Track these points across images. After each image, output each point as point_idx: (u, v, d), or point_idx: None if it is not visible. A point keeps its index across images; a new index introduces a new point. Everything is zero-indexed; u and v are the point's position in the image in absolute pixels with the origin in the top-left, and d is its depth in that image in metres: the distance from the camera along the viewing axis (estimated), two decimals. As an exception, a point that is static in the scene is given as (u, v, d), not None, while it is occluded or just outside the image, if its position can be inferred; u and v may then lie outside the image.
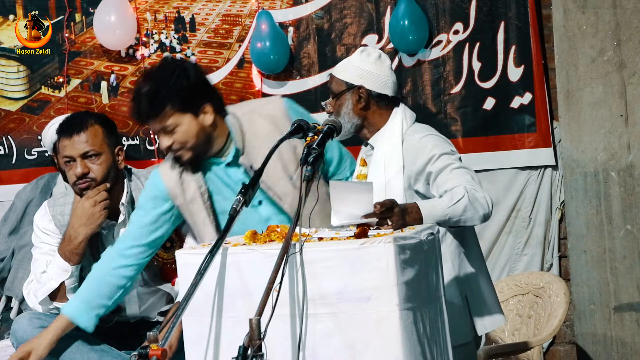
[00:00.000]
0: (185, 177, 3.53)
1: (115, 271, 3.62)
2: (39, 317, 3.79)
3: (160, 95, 3.38)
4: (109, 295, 3.65)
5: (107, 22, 5.28)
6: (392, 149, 3.49)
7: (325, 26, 5.25)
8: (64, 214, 3.88)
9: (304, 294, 2.77)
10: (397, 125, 3.53)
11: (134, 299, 3.89)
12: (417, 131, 3.52)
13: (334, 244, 2.84)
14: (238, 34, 5.32)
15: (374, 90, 3.52)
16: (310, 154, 2.97)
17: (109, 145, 3.82)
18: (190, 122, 3.43)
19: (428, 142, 3.44)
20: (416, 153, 3.44)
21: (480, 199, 3.25)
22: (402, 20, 5.04)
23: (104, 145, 3.80)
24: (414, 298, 2.80)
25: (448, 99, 5.15)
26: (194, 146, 3.45)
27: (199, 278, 2.76)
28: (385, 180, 3.46)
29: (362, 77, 3.52)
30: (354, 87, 3.52)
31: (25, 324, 3.75)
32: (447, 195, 3.25)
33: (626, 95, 4.91)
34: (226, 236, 2.90)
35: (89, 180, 3.77)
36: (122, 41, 5.34)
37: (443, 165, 3.37)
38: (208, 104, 3.47)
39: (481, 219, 3.27)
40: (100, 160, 3.79)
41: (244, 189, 2.99)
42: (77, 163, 3.77)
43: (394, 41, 5.09)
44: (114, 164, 3.83)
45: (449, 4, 5.12)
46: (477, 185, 3.31)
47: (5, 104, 5.52)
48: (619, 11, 4.91)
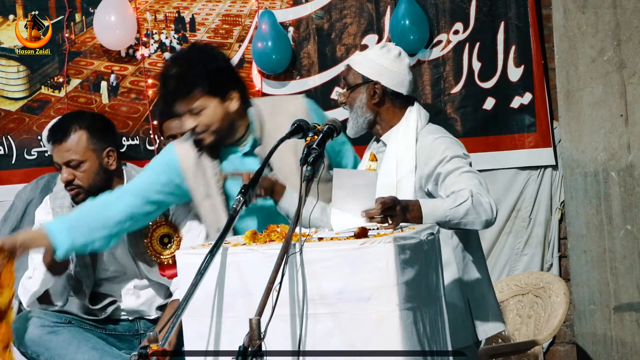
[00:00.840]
0: (204, 160, 3.57)
1: (106, 209, 3.59)
2: (40, 316, 3.80)
3: (190, 76, 3.45)
4: (91, 227, 3.58)
5: (107, 22, 5.27)
6: (405, 147, 3.47)
7: (325, 26, 5.25)
8: (63, 207, 3.87)
9: (304, 294, 2.77)
10: (412, 124, 3.51)
11: (130, 291, 3.89)
12: (431, 132, 3.50)
13: (334, 244, 2.84)
14: (238, 34, 5.32)
15: (389, 88, 3.50)
16: (310, 154, 2.97)
17: (95, 150, 3.80)
18: (217, 107, 3.50)
19: (441, 144, 3.43)
20: (429, 154, 3.42)
21: (485, 204, 3.23)
22: (403, 20, 5.04)
23: (87, 151, 3.79)
24: (414, 298, 2.80)
25: (448, 99, 5.15)
26: (217, 130, 3.51)
27: (199, 278, 2.76)
28: (397, 179, 3.45)
29: (380, 73, 3.49)
30: (370, 81, 3.49)
31: (25, 323, 3.77)
32: (452, 197, 3.24)
33: (626, 95, 4.91)
34: (226, 236, 2.90)
35: (75, 187, 3.78)
36: (122, 41, 5.34)
37: (453, 168, 3.35)
38: (235, 91, 3.53)
39: (483, 224, 3.25)
40: (84, 168, 3.78)
41: (244, 189, 2.99)
42: (63, 170, 3.79)
43: (395, 41, 5.09)
44: (100, 169, 3.81)
45: (449, 4, 5.12)
46: (484, 191, 3.29)
47: (5, 104, 5.52)
48: (619, 11, 4.91)
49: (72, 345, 3.72)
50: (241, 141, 3.58)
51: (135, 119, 5.39)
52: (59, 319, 3.79)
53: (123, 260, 3.87)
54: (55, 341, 3.73)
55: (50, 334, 3.74)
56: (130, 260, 3.86)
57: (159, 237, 3.85)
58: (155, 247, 3.84)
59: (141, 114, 5.38)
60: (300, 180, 2.89)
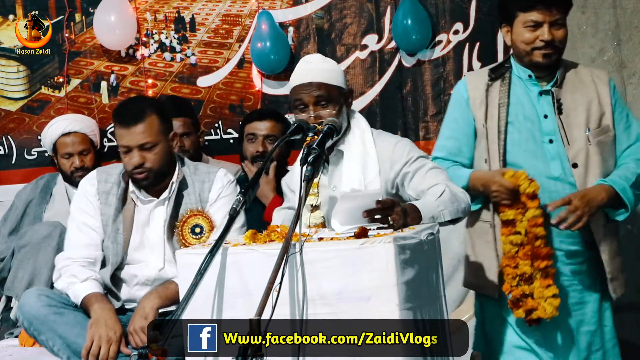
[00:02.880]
0: (492, 91, 3.80)
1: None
2: (48, 294, 3.81)
3: None
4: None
5: (107, 22, 5.27)
6: (366, 153, 3.50)
7: (325, 26, 5.25)
8: (108, 181, 3.92)
9: (304, 294, 2.77)
10: (365, 128, 3.55)
11: (149, 282, 3.90)
12: (383, 135, 3.58)
13: (334, 244, 2.84)
14: (238, 34, 5.32)
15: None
16: (310, 154, 2.97)
17: (164, 134, 3.85)
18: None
19: (404, 147, 3.51)
20: (392, 158, 3.48)
21: (459, 192, 3.37)
22: (405, 20, 5.03)
23: (160, 135, 3.83)
24: (414, 298, 2.80)
25: (448, 99, 5.14)
26: (561, 52, 3.80)
27: (199, 278, 2.76)
28: (364, 184, 3.45)
29: (343, 79, 3.54)
30: (344, 89, 3.53)
31: (33, 299, 3.77)
32: (430, 192, 3.33)
33: (626, 95, 4.90)
34: (226, 236, 2.90)
35: (146, 170, 3.81)
36: (122, 41, 5.34)
37: (419, 166, 3.45)
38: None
39: (464, 210, 3.36)
40: (156, 150, 3.82)
41: (244, 189, 2.99)
42: (133, 153, 3.80)
43: (397, 40, 5.09)
44: (169, 151, 3.86)
45: (449, 3, 5.12)
46: (452, 183, 3.41)
47: (5, 104, 5.52)
48: (619, 11, 4.91)
49: (75, 328, 3.73)
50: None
51: (135, 119, 5.39)
52: (66, 300, 3.81)
53: (154, 242, 3.89)
54: (59, 322, 3.74)
55: (56, 315, 3.76)
56: (161, 245, 3.88)
57: (191, 226, 3.88)
58: (185, 236, 3.87)
59: (141, 114, 5.38)
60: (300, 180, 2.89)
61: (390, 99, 5.14)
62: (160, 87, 5.37)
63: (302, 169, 2.92)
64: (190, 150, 4.97)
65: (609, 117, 3.81)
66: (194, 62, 5.34)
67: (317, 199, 3.46)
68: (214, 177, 3.94)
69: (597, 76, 3.86)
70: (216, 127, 5.30)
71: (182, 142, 4.97)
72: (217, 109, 5.32)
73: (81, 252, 3.90)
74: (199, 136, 5.05)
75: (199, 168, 3.98)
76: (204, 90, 5.34)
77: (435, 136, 5.11)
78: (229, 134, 5.29)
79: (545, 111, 3.78)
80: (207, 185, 3.92)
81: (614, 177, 3.76)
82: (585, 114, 3.78)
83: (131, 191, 3.90)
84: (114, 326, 3.68)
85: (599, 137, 3.78)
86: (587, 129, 3.76)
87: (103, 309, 3.72)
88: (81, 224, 3.93)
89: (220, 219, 3.88)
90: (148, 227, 3.91)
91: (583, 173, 3.75)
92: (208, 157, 5.14)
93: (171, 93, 5.32)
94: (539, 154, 3.76)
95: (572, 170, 3.74)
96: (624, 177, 3.76)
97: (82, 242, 3.92)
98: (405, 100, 5.14)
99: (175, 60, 5.37)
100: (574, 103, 3.80)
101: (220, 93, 5.33)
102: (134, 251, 3.92)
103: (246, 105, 5.27)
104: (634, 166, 3.79)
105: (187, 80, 5.35)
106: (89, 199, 3.94)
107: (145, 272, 3.89)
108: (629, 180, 3.76)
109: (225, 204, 3.89)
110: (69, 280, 3.84)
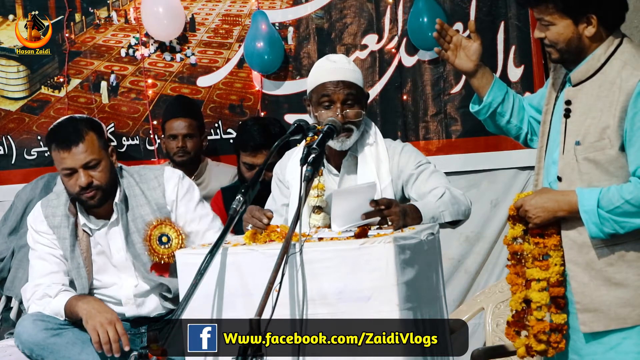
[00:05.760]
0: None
1: None
2: (43, 319, 3.79)
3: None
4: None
5: (155, 13, 5.22)
6: (381, 159, 3.53)
7: (325, 26, 5.25)
8: (56, 215, 3.89)
9: (304, 294, 2.77)
10: (378, 133, 3.57)
11: (130, 301, 3.89)
12: (390, 142, 3.60)
13: (334, 244, 2.84)
14: (238, 34, 5.32)
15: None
16: (311, 154, 2.97)
17: (104, 149, 3.84)
18: (567, 27, 3.22)
19: (410, 153, 3.55)
20: (400, 163, 3.51)
21: (460, 195, 3.40)
22: (421, 17, 5.00)
23: (101, 151, 3.82)
24: (414, 298, 2.80)
25: (448, 99, 5.15)
26: (561, 50, 3.27)
27: (199, 278, 2.76)
28: (380, 189, 3.46)
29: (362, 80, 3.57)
30: (366, 93, 3.58)
31: (29, 326, 3.76)
32: (431, 195, 3.36)
33: (626, 95, 4.89)
34: (226, 236, 2.90)
35: (94, 188, 3.79)
36: (170, 32, 5.29)
37: (423, 169, 3.49)
38: (593, 16, 3.18)
39: (464, 213, 3.37)
40: (101, 167, 3.80)
41: (244, 189, 2.99)
42: (79, 173, 3.78)
43: (412, 38, 5.06)
44: (112, 166, 3.85)
45: (449, 3, 5.11)
46: (452, 187, 3.44)
47: (5, 104, 5.52)
48: (619, 11, 4.89)
49: (76, 346, 3.73)
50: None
51: (135, 119, 5.39)
52: (61, 320, 3.80)
53: (120, 263, 3.88)
54: (59, 343, 3.73)
55: (55, 337, 3.74)
56: (129, 263, 3.86)
57: (157, 237, 3.86)
58: (156, 249, 3.85)
59: (141, 114, 5.38)
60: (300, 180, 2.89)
61: (390, 98, 5.14)
62: (160, 87, 5.37)
63: (302, 169, 2.92)
64: (192, 152, 4.98)
65: (614, 130, 3.11)
66: (193, 62, 5.34)
67: (316, 200, 3.46)
68: (162, 180, 3.90)
69: (626, 79, 3.11)
70: (216, 127, 5.30)
71: (184, 143, 4.97)
72: (217, 109, 5.31)
73: (48, 280, 3.86)
74: (203, 139, 5.05)
75: (144, 174, 3.93)
76: (203, 90, 5.34)
77: (435, 136, 5.11)
78: (228, 134, 5.29)
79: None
80: (159, 191, 3.89)
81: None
82: (588, 122, 3.16)
83: (82, 225, 3.86)
84: (106, 309, 3.68)
85: (589, 153, 3.15)
86: (577, 142, 3.18)
87: (88, 302, 3.71)
88: (44, 253, 3.89)
89: (198, 216, 3.88)
90: (109, 251, 3.88)
91: (566, 189, 3.20)
92: (207, 159, 5.14)
93: (171, 93, 5.32)
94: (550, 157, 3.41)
95: (558, 183, 3.25)
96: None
97: (47, 270, 3.87)
98: (405, 100, 5.14)
99: (175, 60, 5.37)
100: (585, 107, 3.19)
101: (220, 93, 5.32)
102: (101, 276, 3.90)
103: (246, 105, 5.27)
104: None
105: (187, 80, 5.35)
106: (43, 235, 3.90)
107: (122, 293, 3.88)
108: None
109: (189, 200, 3.88)
110: (42, 301, 3.81)
